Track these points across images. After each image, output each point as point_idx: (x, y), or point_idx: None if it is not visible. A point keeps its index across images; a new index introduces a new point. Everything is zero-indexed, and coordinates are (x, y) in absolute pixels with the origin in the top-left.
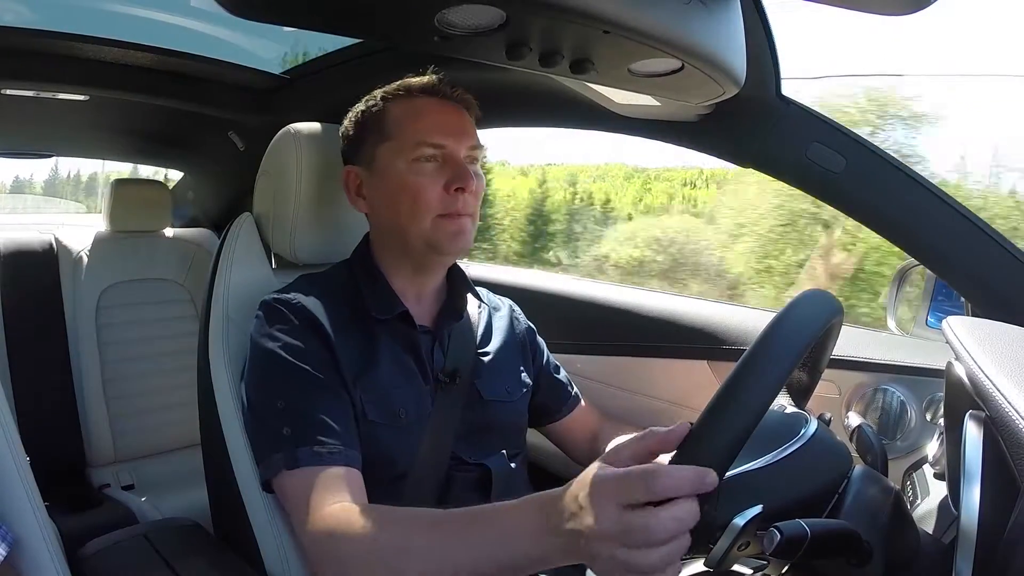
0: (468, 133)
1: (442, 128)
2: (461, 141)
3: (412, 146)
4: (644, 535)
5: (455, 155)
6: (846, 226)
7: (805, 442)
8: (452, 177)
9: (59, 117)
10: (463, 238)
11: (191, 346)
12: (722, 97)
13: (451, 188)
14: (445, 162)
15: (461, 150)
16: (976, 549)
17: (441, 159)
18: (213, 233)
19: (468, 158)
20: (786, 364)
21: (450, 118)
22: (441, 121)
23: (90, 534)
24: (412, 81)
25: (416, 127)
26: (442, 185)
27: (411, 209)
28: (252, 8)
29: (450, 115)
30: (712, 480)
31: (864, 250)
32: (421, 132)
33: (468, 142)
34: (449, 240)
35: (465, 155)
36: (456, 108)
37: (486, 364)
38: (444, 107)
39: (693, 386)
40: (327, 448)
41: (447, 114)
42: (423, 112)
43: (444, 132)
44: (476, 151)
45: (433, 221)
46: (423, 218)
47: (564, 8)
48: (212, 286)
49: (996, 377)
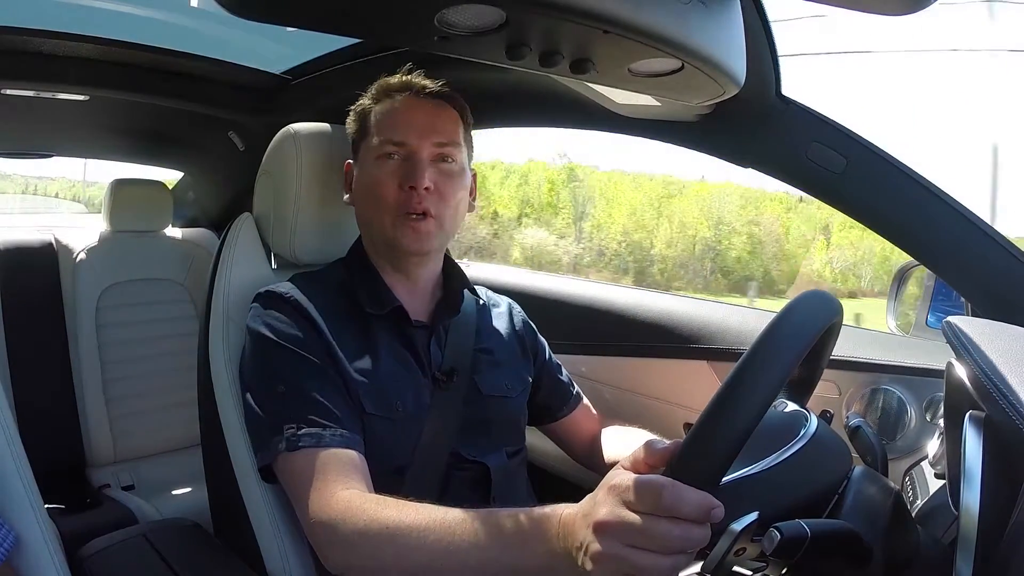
0: (436, 129)
1: (406, 125)
2: (426, 138)
3: (379, 143)
4: (644, 537)
5: (415, 153)
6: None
7: (805, 443)
8: (405, 174)
9: (59, 117)
10: (422, 239)
11: (191, 346)
12: (722, 97)
13: (405, 185)
14: (404, 159)
15: (424, 147)
16: (976, 549)
17: (402, 156)
18: (213, 233)
19: (437, 155)
20: (782, 370)
21: (418, 114)
22: (407, 118)
23: (90, 534)
24: (390, 79)
25: (385, 125)
26: (398, 183)
27: (373, 206)
28: (252, 8)
29: (419, 111)
30: (719, 515)
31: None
32: (387, 129)
33: (434, 138)
34: (407, 240)
35: (432, 152)
36: (431, 104)
37: (484, 360)
38: (417, 103)
39: (693, 386)
40: (328, 431)
41: (416, 111)
42: (394, 110)
43: (406, 129)
44: (446, 148)
45: (393, 220)
46: (383, 216)
47: (564, 8)
48: (212, 286)
49: (996, 377)
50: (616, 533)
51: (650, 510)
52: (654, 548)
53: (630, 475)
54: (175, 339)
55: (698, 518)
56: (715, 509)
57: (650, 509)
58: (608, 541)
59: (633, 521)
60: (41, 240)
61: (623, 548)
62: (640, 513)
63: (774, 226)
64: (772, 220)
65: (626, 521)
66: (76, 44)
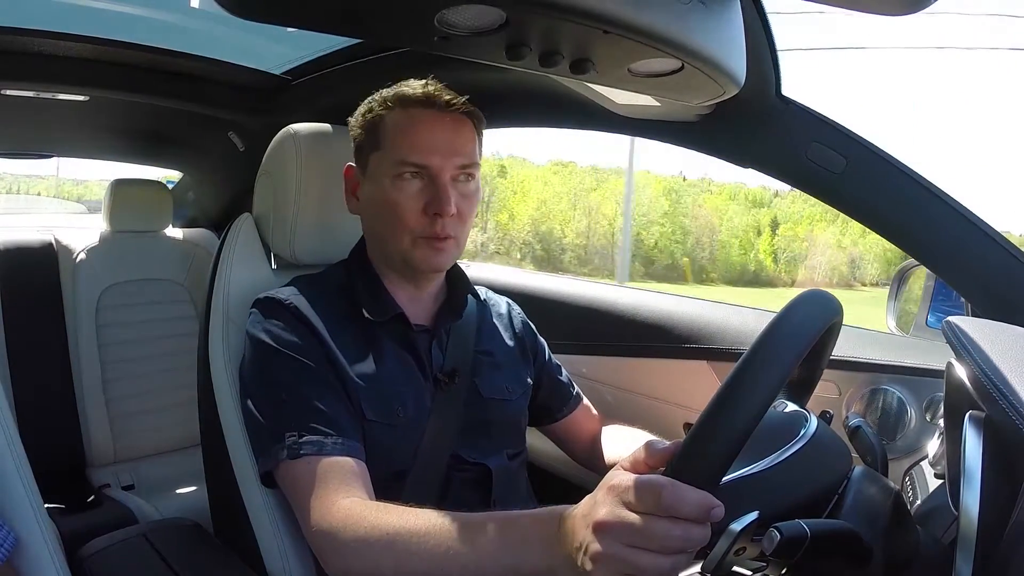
0: (459, 151)
1: (428, 146)
2: (448, 159)
3: (396, 163)
4: (644, 537)
5: (439, 176)
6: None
7: (805, 443)
8: (430, 200)
9: (59, 117)
10: (441, 259)
11: (191, 346)
12: (722, 97)
13: (429, 212)
14: (428, 182)
15: (447, 169)
16: (976, 549)
17: (425, 178)
18: (213, 233)
19: (460, 175)
20: (782, 369)
21: (441, 134)
22: (429, 139)
23: (90, 534)
24: (408, 90)
25: (403, 143)
26: (422, 207)
27: (391, 225)
28: (252, 8)
29: (442, 130)
30: (719, 515)
31: None
32: (405, 150)
33: (457, 161)
34: (425, 261)
35: (454, 173)
36: (452, 120)
37: (485, 362)
38: (438, 120)
39: (693, 386)
40: (330, 439)
41: (438, 130)
42: (413, 126)
43: (430, 151)
44: (468, 169)
45: (412, 240)
46: (402, 236)
47: (564, 8)
48: (212, 286)
49: (996, 377)
50: (616, 533)
51: (650, 510)
52: (654, 548)
53: (630, 475)
54: (175, 339)
55: (698, 518)
56: (715, 509)
57: (650, 509)
58: (608, 541)
59: (633, 521)
60: (41, 240)
61: (623, 548)
62: (640, 513)
63: (711, 217)
64: (710, 212)
65: (626, 521)
66: (76, 44)
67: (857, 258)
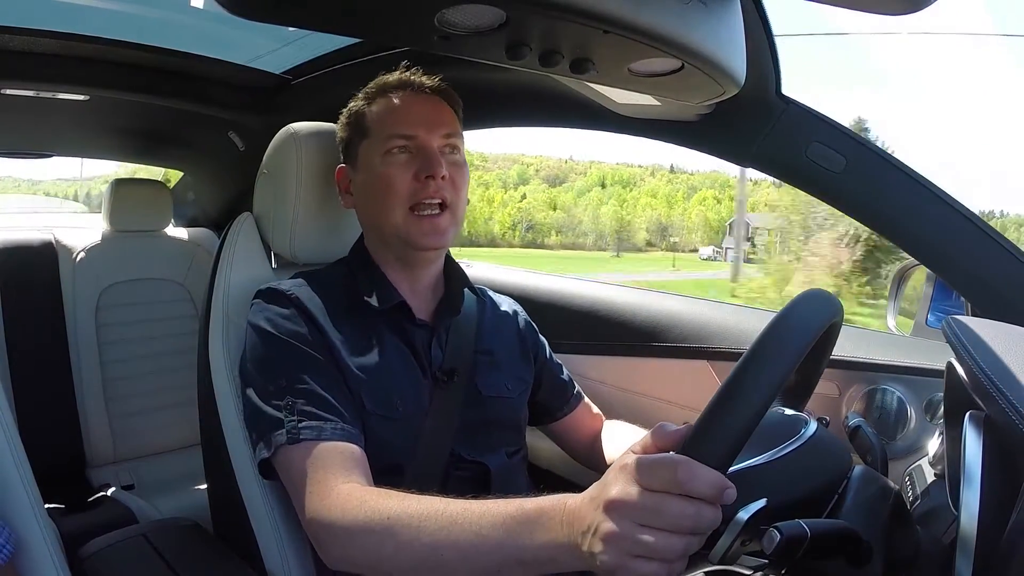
0: (442, 122)
1: (413, 119)
2: (433, 130)
3: (385, 139)
4: (657, 515)
5: (426, 144)
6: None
7: (805, 442)
8: (421, 165)
9: (59, 117)
10: (436, 235)
11: (191, 346)
12: (722, 97)
13: (421, 176)
14: (416, 152)
15: (434, 139)
16: (976, 549)
17: (413, 149)
18: (213, 233)
19: (445, 147)
20: (786, 364)
21: (422, 108)
22: (413, 112)
23: (90, 534)
24: (387, 78)
25: (389, 120)
26: (412, 174)
27: (384, 201)
28: (252, 8)
29: (423, 105)
30: (731, 496)
31: None
32: (392, 125)
33: (441, 130)
34: (422, 236)
35: (440, 144)
36: (431, 99)
37: (485, 361)
38: (417, 98)
39: (693, 386)
40: (329, 424)
41: (419, 104)
42: (396, 106)
43: (415, 122)
44: (453, 139)
45: (405, 216)
46: (395, 210)
47: (564, 8)
48: (212, 286)
49: (996, 377)
50: (628, 511)
51: (663, 487)
52: (666, 527)
53: (643, 456)
54: (175, 339)
55: (712, 497)
56: (728, 489)
57: (663, 486)
58: (620, 519)
59: (646, 499)
60: (41, 240)
61: (635, 527)
62: (653, 491)
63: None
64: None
65: (639, 499)
66: (76, 44)
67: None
